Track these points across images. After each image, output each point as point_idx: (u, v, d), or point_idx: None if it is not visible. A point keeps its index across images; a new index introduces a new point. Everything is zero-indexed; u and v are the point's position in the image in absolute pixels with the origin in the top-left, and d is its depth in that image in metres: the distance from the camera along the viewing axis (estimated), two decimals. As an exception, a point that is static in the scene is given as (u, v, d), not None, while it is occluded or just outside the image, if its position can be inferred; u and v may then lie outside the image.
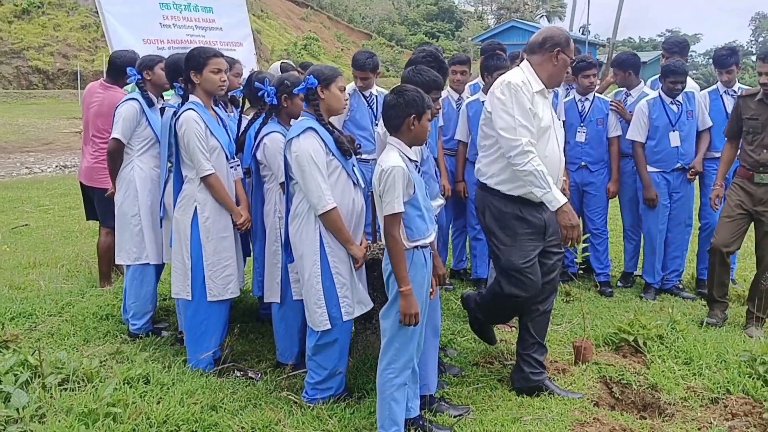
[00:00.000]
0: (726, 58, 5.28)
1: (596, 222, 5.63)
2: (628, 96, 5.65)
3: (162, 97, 4.53)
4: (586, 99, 5.57)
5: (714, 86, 5.57)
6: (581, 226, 5.66)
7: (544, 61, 3.51)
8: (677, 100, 5.29)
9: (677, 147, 5.28)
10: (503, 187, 3.52)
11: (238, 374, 3.78)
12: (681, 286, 5.59)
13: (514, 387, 3.71)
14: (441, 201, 3.65)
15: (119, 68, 4.93)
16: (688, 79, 5.42)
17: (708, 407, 3.55)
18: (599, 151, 5.56)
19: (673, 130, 5.25)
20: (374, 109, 5.04)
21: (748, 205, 4.63)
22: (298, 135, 3.33)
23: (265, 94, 3.74)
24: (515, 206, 3.51)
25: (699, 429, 3.30)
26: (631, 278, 5.82)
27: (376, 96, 5.09)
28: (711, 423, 3.35)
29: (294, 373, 3.78)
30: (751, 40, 65.47)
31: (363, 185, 3.58)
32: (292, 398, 3.49)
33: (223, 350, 3.94)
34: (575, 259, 5.59)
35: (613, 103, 5.54)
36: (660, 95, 5.28)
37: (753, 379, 3.67)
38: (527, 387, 3.65)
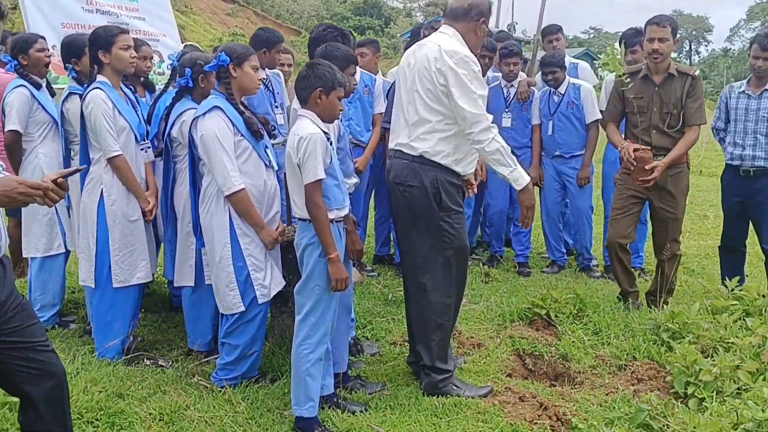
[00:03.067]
0: (631, 38, 5.32)
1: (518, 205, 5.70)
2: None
3: (45, 76, 4.32)
4: (512, 85, 5.65)
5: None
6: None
7: (469, 30, 3.34)
8: (558, 91, 5.47)
9: (552, 136, 5.51)
10: (459, 168, 3.34)
11: (148, 362, 3.66)
12: (595, 265, 5.75)
13: (423, 390, 3.40)
14: (355, 179, 3.64)
15: None
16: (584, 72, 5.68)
17: (616, 374, 3.67)
18: (524, 137, 5.67)
19: (550, 120, 5.49)
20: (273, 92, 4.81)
21: (642, 192, 4.43)
22: (204, 114, 3.27)
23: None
24: (460, 186, 3.41)
25: (607, 394, 3.41)
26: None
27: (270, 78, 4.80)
28: (618, 388, 3.45)
29: (207, 359, 3.70)
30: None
31: (276, 167, 3.54)
32: (203, 383, 3.40)
33: (133, 339, 3.82)
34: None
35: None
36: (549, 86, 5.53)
37: (657, 345, 3.81)
38: (436, 392, 3.37)
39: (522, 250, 5.79)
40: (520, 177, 3.28)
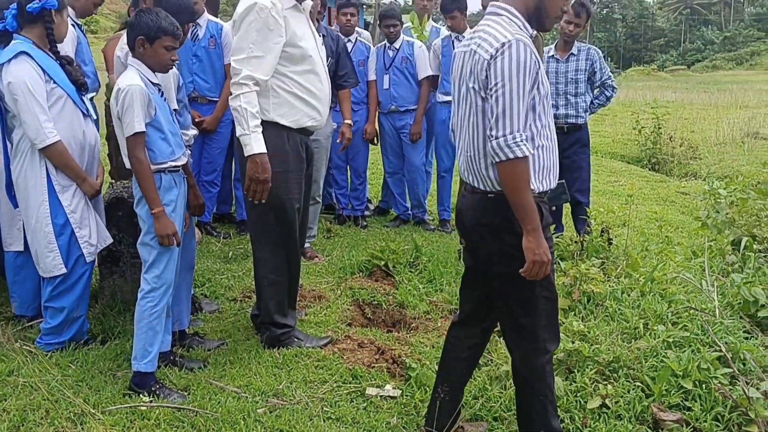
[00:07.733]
0: (449, 4, 5.43)
1: (356, 161, 5.79)
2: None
3: None
4: (348, 40, 5.64)
5: (447, 33, 5.75)
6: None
7: None
8: (393, 46, 5.61)
9: (388, 90, 5.64)
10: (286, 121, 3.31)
11: (-39, 330, 3.35)
12: (430, 219, 6.00)
13: (264, 344, 3.41)
14: (194, 131, 3.51)
15: None
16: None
17: (447, 317, 3.91)
18: (361, 92, 5.68)
19: (386, 74, 5.62)
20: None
21: None
22: (9, 61, 3.04)
23: None
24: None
25: (439, 336, 3.62)
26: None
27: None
28: (449, 330, 3.67)
29: (30, 324, 3.45)
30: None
31: (95, 116, 3.35)
32: (27, 347, 3.18)
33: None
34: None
35: None
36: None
37: (484, 289, 4.09)
38: (277, 344, 3.40)
39: (358, 205, 5.91)
40: (249, 144, 3.11)
